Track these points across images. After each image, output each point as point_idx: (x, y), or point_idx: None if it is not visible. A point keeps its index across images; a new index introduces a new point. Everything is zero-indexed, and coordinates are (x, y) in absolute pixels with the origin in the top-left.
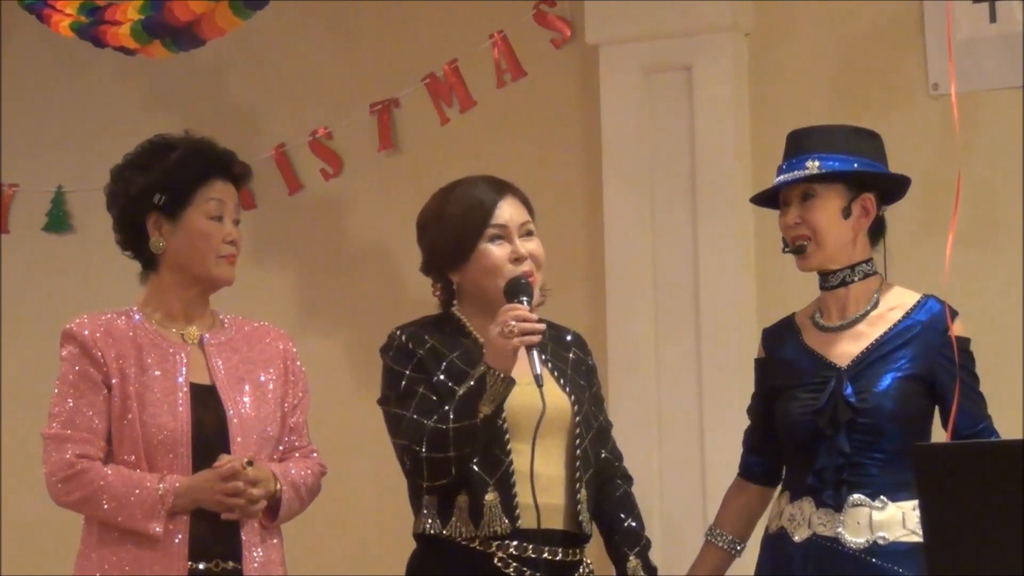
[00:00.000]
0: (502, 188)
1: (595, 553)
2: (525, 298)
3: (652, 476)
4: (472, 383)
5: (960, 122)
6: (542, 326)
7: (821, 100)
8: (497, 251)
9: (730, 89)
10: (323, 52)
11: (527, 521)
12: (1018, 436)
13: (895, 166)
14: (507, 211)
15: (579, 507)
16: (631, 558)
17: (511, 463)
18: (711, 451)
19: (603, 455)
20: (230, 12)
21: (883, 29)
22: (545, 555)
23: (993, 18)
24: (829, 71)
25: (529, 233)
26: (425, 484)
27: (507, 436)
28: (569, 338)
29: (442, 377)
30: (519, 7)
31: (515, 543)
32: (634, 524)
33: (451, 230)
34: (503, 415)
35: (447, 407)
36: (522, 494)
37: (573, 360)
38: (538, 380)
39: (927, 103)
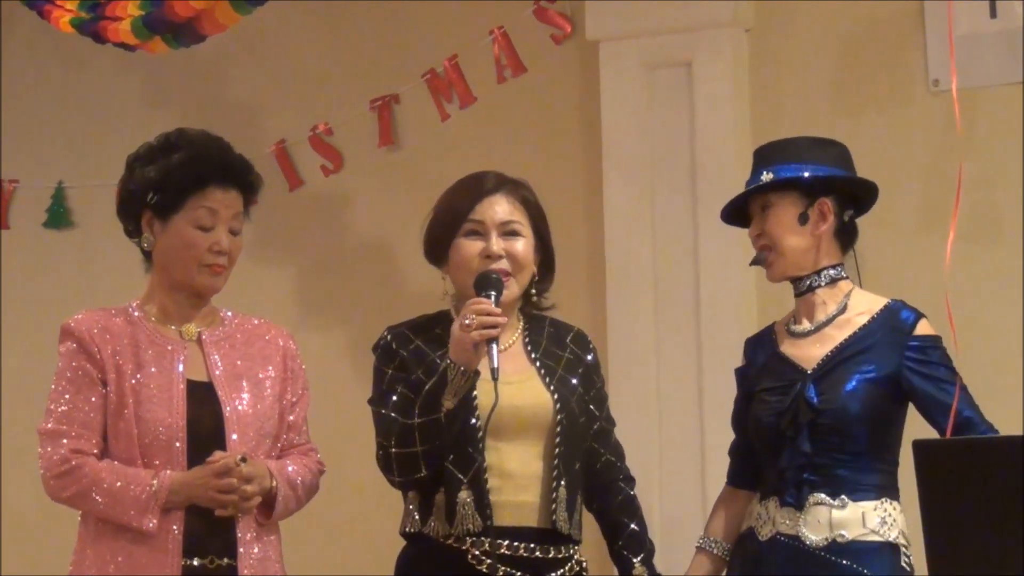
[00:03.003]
0: (496, 185)
1: (595, 553)
2: (493, 292)
3: (652, 473)
4: (436, 378)
5: (960, 118)
6: (503, 319)
7: (821, 96)
8: (468, 246)
9: (730, 85)
10: (323, 48)
11: (500, 518)
12: (1018, 432)
13: (895, 162)
14: (488, 208)
15: (554, 506)
16: (636, 565)
17: (484, 460)
18: (711, 448)
19: (604, 456)
20: (230, 8)
21: (883, 25)
22: (521, 552)
23: (994, 14)
24: (829, 67)
25: (512, 233)
26: (397, 479)
27: (480, 434)
28: (569, 337)
29: (420, 374)
30: (519, 3)
31: (489, 540)
32: (637, 528)
33: (434, 223)
34: (476, 412)
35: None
36: (495, 491)
37: (568, 359)
38: (494, 374)
39: (927, 99)
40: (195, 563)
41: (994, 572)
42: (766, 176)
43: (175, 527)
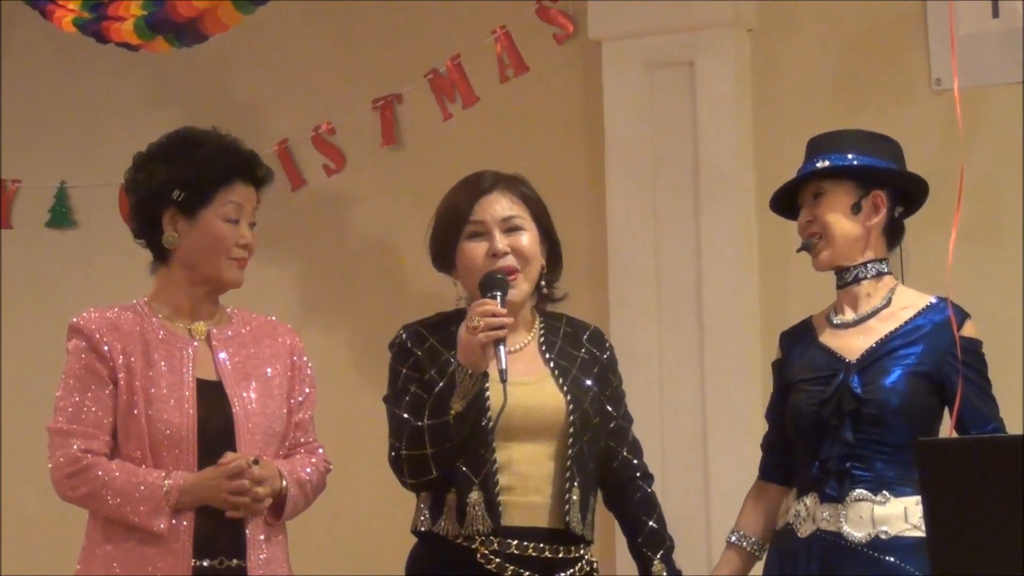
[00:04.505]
0: (493, 183)
1: (600, 552)
2: (499, 293)
3: (654, 471)
4: (444, 380)
5: (962, 117)
6: (509, 320)
7: (823, 96)
8: (473, 248)
9: (732, 85)
10: (325, 47)
11: (510, 519)
12: (1019, 432)
13: None
14: (487, 207)
15: (567, 507)
16: (656, 562)
17: (495, 461)
18: (714, 446)
19: (621, 454)
20: (233, 7)
21: (886, 24)
22: (530, 552)
23: (996, 13)
24: (831, 67)
25: (515, 228)
26: (408, 481)
27: (490, 436)
28: (585, 336)
29: (433, 374)
30: (522, 3)
31: (498, 539)
32: (656, 525)
33: (436, 230)
34: (487, 413)
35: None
36: (506, 492)
37: (583, 359)
38: (502, 375)
39: (929, 98)
40: (205, 564)
41: (996, 572)
42: (822, 163)
43: (185, 528)
